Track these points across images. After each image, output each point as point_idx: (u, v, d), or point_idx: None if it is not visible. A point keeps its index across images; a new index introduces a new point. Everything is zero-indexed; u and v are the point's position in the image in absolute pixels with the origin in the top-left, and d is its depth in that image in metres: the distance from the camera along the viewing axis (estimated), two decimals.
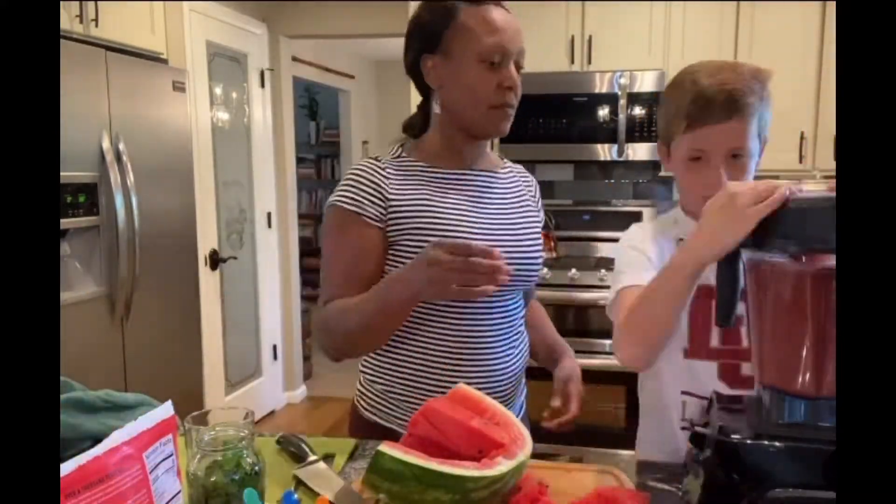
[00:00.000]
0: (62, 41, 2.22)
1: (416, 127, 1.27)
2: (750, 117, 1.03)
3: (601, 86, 3.19)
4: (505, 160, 1.35)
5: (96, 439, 0.78)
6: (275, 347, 4.04)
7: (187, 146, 2.88)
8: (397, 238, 1.17)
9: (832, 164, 2.94)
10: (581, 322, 3.02)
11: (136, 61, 2.59)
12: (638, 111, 3.15)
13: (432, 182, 1.20)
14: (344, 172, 1.48)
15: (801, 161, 3.15)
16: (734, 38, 3.14)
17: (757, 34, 3.11)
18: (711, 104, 1.02)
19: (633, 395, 1.29)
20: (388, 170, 1.19)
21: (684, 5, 3.15)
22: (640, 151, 3.16)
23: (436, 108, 1.22)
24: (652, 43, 3.19)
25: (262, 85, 3.82)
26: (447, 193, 1.20)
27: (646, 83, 3.13)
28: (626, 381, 1.28)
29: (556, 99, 3.21)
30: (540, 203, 1.38)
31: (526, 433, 0.89)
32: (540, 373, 1.37)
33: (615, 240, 1.38)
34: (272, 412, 4.02)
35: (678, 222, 1.19)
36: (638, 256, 1.15)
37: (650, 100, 3.12)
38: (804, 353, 0.82)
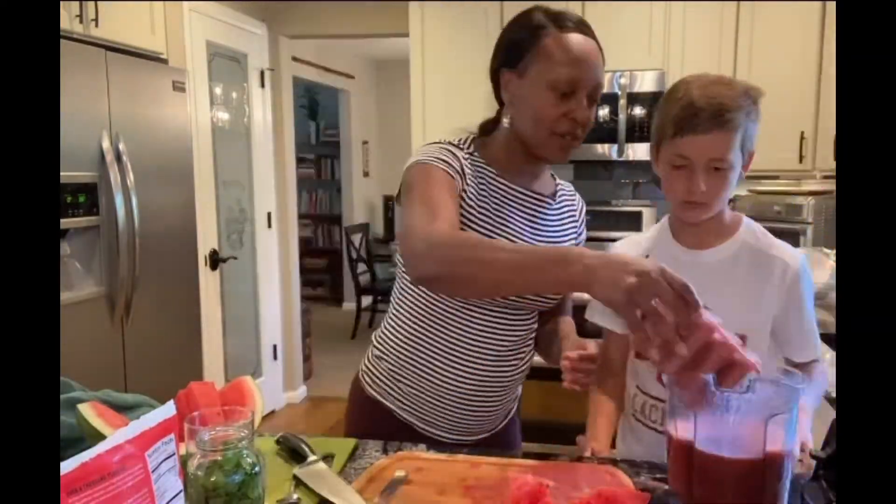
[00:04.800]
0: (62, 41, 2.22)
1: (488, 131, 1.28)
2: (734, 131, 1.08)
3: None
4: (558, 182, 1.34)
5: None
6: (275, 347, 4.04)
7: (187, 146, 2.87)
8: None
9: (832, 164, 2.95)
10: (580, 322, 3.01)
11: (136, 61, 2.59)
12: (638, 111, 3.15)
13: (497, 192, 1.22)
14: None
15: (801, 161, 3.15)
16: (734, 38, 3.14)
17: (757, 34, 3.11)
18: (699, 115, 1.07)
19: None
20: (468, 161, 1.21)
21: (684, 5, 3.15)
22: (640, 151, 3.16)
23: (505, 121, 1.25)
24: (652, 43, 3.19)
25: (262, 85, 3.82)
26: (508, 210, 1.22)
27: (646, 83, 3.13)
28: None
29: None
30: (583, 224, 1.38)
31: None
32: (538, 373, 1.39)
33: (615, 240, 1.38)
34: (272, 412, 4.02)
35: (655, 240, 1.24)
36: None
37: (650, 100, 3.12)
38: None
